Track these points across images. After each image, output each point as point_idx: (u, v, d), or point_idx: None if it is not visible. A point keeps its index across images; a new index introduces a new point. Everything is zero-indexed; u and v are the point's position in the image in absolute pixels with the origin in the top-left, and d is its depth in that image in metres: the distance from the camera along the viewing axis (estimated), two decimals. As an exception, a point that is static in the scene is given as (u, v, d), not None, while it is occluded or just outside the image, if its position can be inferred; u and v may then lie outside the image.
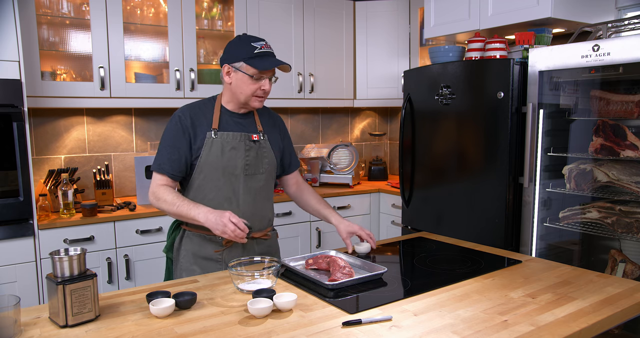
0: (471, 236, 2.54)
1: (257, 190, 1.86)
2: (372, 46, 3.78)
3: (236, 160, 1.79)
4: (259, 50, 1.72)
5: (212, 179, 1.79)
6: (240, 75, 1.74)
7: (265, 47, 1.74)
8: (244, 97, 1.78)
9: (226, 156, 1.78)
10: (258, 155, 1.84)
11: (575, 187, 2.35)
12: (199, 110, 1.81)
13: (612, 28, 2.48)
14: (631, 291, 1.53)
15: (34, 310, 1.42)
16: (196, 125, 1.78)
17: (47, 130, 3.03)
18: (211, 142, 1.77)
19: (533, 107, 2.36)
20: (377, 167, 4.05)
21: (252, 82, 1.74)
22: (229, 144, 1.78)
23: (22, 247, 2.45)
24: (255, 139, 1.83)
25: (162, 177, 1.77)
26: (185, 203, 1.69)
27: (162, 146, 1.78)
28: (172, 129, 1.78)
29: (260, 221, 1.89)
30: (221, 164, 1.78)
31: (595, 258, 2.56)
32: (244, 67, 1.73)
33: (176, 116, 1.79)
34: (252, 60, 1.72)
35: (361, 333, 1.26)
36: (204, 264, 1.83)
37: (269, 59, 1.74)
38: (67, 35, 2.88)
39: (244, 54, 1.73)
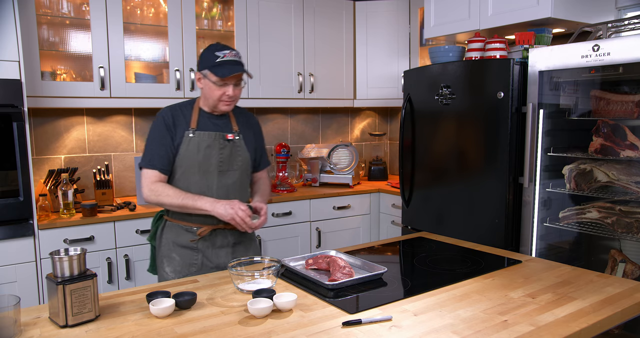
0: (471, 236, 2.54)
1: (230, 186, 1.97)
2: (372, 46, 3.78)
3: (210, 157, 1.92)
4: (221, 59, 1.85)
5: (188, 174, 1.91)
6: (207, 81, 1.89)
7: (228, 55, 1.86)
8: (212, 101, 1.91)
9: (201, 153, 1.90)
10: (232, 153, 1.97)
11: (575, 187, 2.35)
12: (179, 110, 1.95)
13: (612, 28, 2.48)
14: (631, 291, 1.53)
15: (34, 310, 1.43)
16: (177, 124, 1.91)
17: (47, 130, 3.03)
18: (189, 140, 1.90)
19: (533, 107, 2.36)
20: (377, 167, 4.05)
21: (217, 88, 1.87)
22: (204, 142, 1.91)
23: (22, 247, 2.45)
24: (229, 138, 1.96)
25: (153, 172, 1.89)
26: (190, 195, 1.84)
27: (149, 143, 1.92)
28: (157, 127, 1.91)
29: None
30: (197, 161, 1.90)
31: (595, 258, 2.56)
32: (208, 74, 1.87)
33: (160, 116, 1.93)
34: (214, 68, 1.85)
35: (361, 333, 1.26)
36: (181, 252, 1.94)
37: (229, 67, 1.85)
38: (67, 35, 2.88)
39: (208, 63, 1.87)
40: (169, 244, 1.96)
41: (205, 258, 1.94)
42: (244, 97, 3.33)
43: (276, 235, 3.23)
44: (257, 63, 3.36)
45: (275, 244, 3.23)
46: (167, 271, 1.94)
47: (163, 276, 1.96)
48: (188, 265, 1.93)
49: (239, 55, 1.90)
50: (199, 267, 1.93)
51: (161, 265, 1.98)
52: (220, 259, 1.96)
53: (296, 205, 3.29)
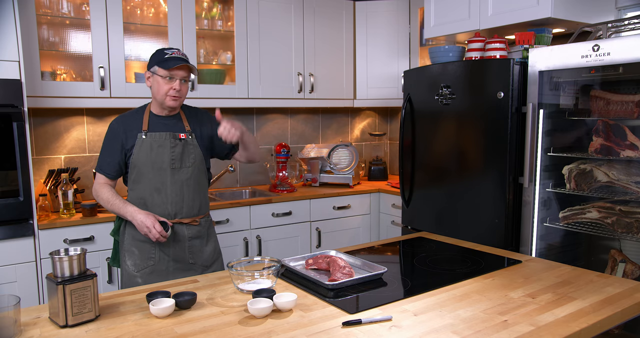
0: (471, 236, 2.54)
1: (184, 182, 2.06)
2: (372, 46, 3.78)
3: (163, 155, 2.02)
4: (169, 56, 1.97)
5: (144, 173, 2.02)
6: (156, 77, 1.99)
7: (176, 53, 1.99)
8: (160, 97, 2.00)
9: (154, 152, 2.01)
10: (184, 151, 2.06)
11: (575, 187, 2.35)
12: (130, 117, 2.07)
13: (612, 28, 2.48)
14: (631, 291, 1.53)
15: (34, 310, 1.43)
16: (127, 130, 2.03)
17: (47, 130, 3.03)
18: (142, 142, 2.01)
19: (533, 107, 2.36)
20: (377, 167, 4.05)
21: (165, 83, 1.97)
22: (156, 142, 2.02)
23: (22, 247, 2.45)
24: (181, 137, 2.06)
25: (101, 176, 2.05)
26: (117, 202, 1.99)
27: (101, 151, 2.07)
28: (107, 136, 2.05)
29: (189, 209, 2.08)
30: (150, 160, 2.01)
31: (595, 258, 2.56)
32: (157, 70, 1.98)
33: (111, 126, 2.06)
34: (162, 63, 1.97)
35: (361, 333, 1.26)
36: (140, 246, 2.04)
37: (175, 61, 1.96)
38: (67, 35, 2.88)
39: (157, 60, 1.99)
40: (129, 239, 2.06)
41: (162, 252, 2.04)
42: (244, 97, 3.33)
43: (276, 235, 3.23)
44: (257, 63, 3.36)
45: (275, 244, 3.23)
46: (129, 264, 2.05)
47: (125, 269, 2.07)
48: (147, 258, 2.04)
49: (186, 56, 2.01)
50: (156, 260, 2.04)
51: (123, 258, 2.08)
52: (177, 252, 2.06)
53: (296, 205, 3.29)
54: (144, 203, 2.02)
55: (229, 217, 3.02)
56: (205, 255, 2.12)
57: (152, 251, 2.04)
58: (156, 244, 2.03)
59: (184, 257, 2.06)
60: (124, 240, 2.08)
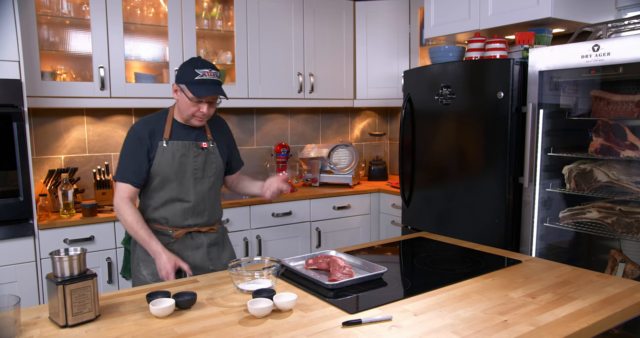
0: (471, 236, 2.54)
1: (206, 192, 2.02)
2: (372, 46, 3.78)
3: (186, 165, 1.96)
4: (200, 77, 1.85)
5: (165, 182, 1.95)
6: (183, 95, 1.89)
7: (208, 74, 1.86)
8: (186, 116, 1.94)
9: (176, 161, 1.94)
10: (206, 160, 2.01)
11: (575, 187, 2.35)
12: (153, 123, 1.96)
13: (612, 28, 2.48)
14: (631, 291, 1.53)
15: (34, 310, 1.43)
16: (151, 136, 1.93)
17: (47, 130, 3.03)
18: (163, 150, 1.93)
19: (533, 107, 2.36)
20: (377, 167, 4.05)
21: (192, 105, 1.89)
22: (179, 151, 1.95)
23: (22, 247, 2.45)
24: (204, 146, 2.00)
25: (125, 186, 1.92)
26: (142, 233, 1.88)
27: (122, 158, 1.94)
28: (130, 141, 1.93)
29: (208, 218, 2.05)
30: (173, 169, 1.94)
31: (595, 258, 2.56)
32: (185, 89, 1.87)
33: (133, 129, 1.95)
34: (192, 86, 1.85)
35: (361, 333, 1.26)
36: None
37: (206, 87, 1.85)
38: (67, 35, 2.88)
39: (186, 78, 1.86)
40: (143, 249, 1.96)
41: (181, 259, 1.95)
42: (244, 97, 3.33)
43: (276, 235, 3.23)
44: (257, 63, 3.36)
45: (275, 244, 3.23)
46: (145, 274, 1.97)
47: (140, 279, 1.98)
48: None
49: (217, 75, 1.91)
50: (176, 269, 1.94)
51: (137, 268, 2.00)
52: (196, 260, 2.01)
53: (296, 205, 3.29)
54: (164, 214, 1.96)
55: (229, 217, 3.02)
56: (224, 260, 2.08)
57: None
58: (175, 252, 1.95)
59: (204, 264, 2.02)
60: (137, 249, 2.00)
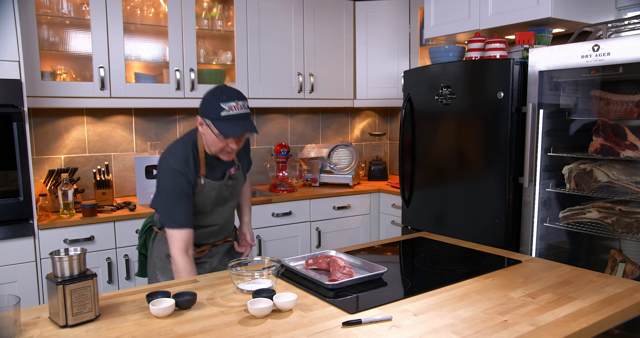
0: (471, 236, 2.54)
1: (229, 213, 2.06)
2: (372, 46, 3.78)
3: (217, 199, 1.95)
4: (226, 113, 1.71)
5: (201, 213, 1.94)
6: (208, 130, 1.77)
7: (235, 108, 1.71)
8: (214, 150, 1.85)
9: (211, 199, 1.93)
10: (234, 187, 2.01)
11: (575, 187, 2.35)
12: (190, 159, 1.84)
13: (612, 28, 2.48)
14: (631, 291, 1.53)
15: (34, 310, 1.42)
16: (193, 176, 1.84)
17: (47, 130, 3.03)
18: (200, 188, 1.88)
19: (533, 107, 2.36)
20: (377, 167, 4.05)
21: (220, 141, 1.78)
22: (214, 190, 1.92)
23: (22, 247, 2.45)
24: (232, 173, 1.97)
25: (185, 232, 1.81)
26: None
27: (174, 202, 1.80)
28: (180, 185, 1.80)
29: (227, 233, 2.11)
30: (207, 206, 1.93)
31: (595, 258, 2.56)
32: (211, 125, 1.75)
33: (177, 171, 1.80)
34: (218, 123, 1.72)
35: (361, 333, 1.26)
36: None
37: (234, 123, 1.72)
38: (67, 35, 2.88)
39: (212, 114, 1.73)
40: (161, 256, 1.97)
41: (201, 267, 1.98)
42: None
43: (276, 235, 3.23)
44: (257, 63, 3.36)
45: (275, 244, 3.23)
46: (161, 281, 1.95)
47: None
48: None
49: (246, 105, 1.76)
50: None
51: (154, 275, 2.01)
52: (215, 267, 2.04)
53: (296, 205, 3.29)
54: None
55: (229, 217, 3.02)
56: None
57: None
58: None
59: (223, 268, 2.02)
60: (154, 256, 2.01)
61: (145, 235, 2.09)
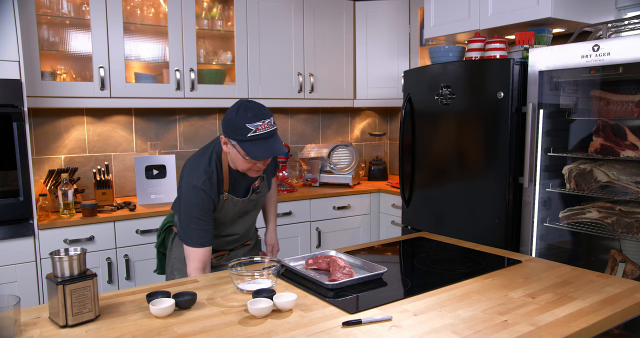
0: (471, 236, 2.54)
1: (251, 222, 2.08)
2: (372, 46, 3.78)
3: (241, 211, 1.96)
4: (253, 134, 1.63)
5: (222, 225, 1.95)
6: (234, 151, 1.72)
7: (262, 128, 1.64)
8: (241, 169, 1.80)
9: (234, 213, 1.93)
10: (258, 199, 2.00)
11: (575, 187, 2.35)
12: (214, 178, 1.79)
13: (612, 28, 2.48)
14: (631, 291, 1.53)
15: (34, 310, 1.42)
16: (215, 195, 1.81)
17: (47, 130, 3.03)
18: (223, 203, 1.87)
19: (533, 107, 2.36)
20: (377, 167, 4.05)
21: (246, 162, 1.73)
22: (236, 206, 1.91)
23: (22, 247, 2.45)
24: (256, 186, 1.95)
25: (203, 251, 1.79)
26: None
27: (194, 220, 1.77)
28: (201, 202, 1.76)
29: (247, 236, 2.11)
30: (229, 219, 1.94)
31: (595, 258, 2.56)
32: (237, 147, 1.69)
33: (200, 189, 1.76)
34: (245, 144, 1.66)
35: (361, 333, 1.26)
36: None
37: (263, 146, 1.66)
38: (67, 35, 2.88)
39: (238, 136, 1.66)
40: (180, 258, 1.96)
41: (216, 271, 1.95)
42: (244, 97, 3.33)
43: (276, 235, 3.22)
44: (257, 63, 3.36)
45: (275, 244, 3.23)
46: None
47: None
48: None
49: (272, 122, 1.67)
50: None
51: (171, 276, 2.01)
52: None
53: (296, 205, 3.29)
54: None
55: (229, 217, 3.02)
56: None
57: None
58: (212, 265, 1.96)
59: None
60: (172, 257, 2.01)
61: (164, 234, 2.09)
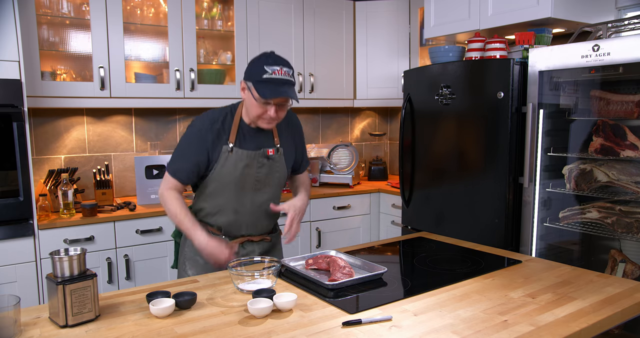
0: (471, 236, 2.54)
1: (263, 203, 1.91)
2: (372, 46, 3.78)
3: (247, 176, 1.83)
4: (269, 76, 1.67)
5: (223, 190, 1.84)
6: (249, 95, 1.74)
7: (278, 73, 1.68)
8: (252, 117, 1.79)
9: (238, 172, 1.81)
10: (270, 170, 1.88)
11: (575, 187, 2.35)
12: (219, 122, 1.80)
13: (612, 28, 2.48)
14: (631, 291, 1.53)
15: (34, 310, 1.42)
16: (215, 138, 1.79)
17: (47, 130, 3.03)
18: (226, 157, 1.80)
19: (533, 107, 2.36)
20: (377, 167, 4.05)
21: (259, 106, 1.72)
22: (242, 161, 1.81)
23: (22, 247, 2.45)
24: (270, 154, 1.85)
25: (173, 181, 1.81)
26: (186, 221, 1.77)
27: (178, 152, 1.81)
28: (192, 138, 1.79)
29: (262, 228, 1.96)
30: (233, 179, 1.82)
31: (595, 258, 2.56)
32: (252, 88, 1.71)
33: (197, 127, 1.79)
34: (258, 85, 1.69)
35: (361, 333, 1.26)
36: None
37: (274, 87, 1.68)
38: (67, 35, 2.88)
39: (254, 76, 1.70)
40: (192, 247, 1.88)
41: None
42: (244, 97, 3.33)
43: (276, 235, 3.23)
44: (257, 63, 3.36)
45: (275, 244, 3.23)
46: (190, 274, 1.90)
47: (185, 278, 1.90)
48: (212, 269, 1.86)
49: (290, 73, 1.71)
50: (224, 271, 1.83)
51: (183, 266, 1.94)
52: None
53: (296, 205, 3.29)
54: (218, 222, 1.88)
55: (229, 217, 3.02)
56: None
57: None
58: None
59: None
60: (185, 246, 1.93)
61: None
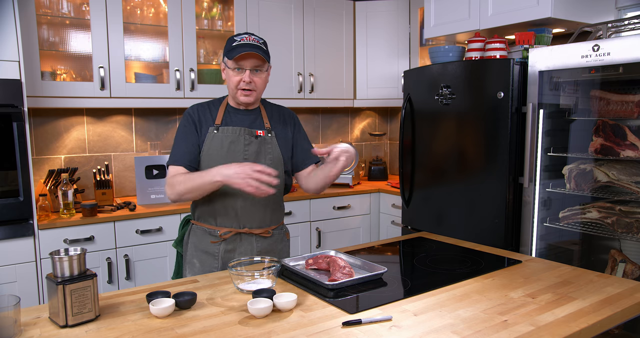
0: (471, 236, 2.54)
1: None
2: (372, 46, 3.78)
3: (235, 154, 1.81)
4: (237, 43, 1.77)
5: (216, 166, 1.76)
6: (227, 71, 1.83)
7: (246, 39, 1.78)
8: (232, 91, 1.84)
9: (225, 149, 1.81)
10: (260, 150, 1.84)
11: (575, 187, 2.35)
12: (207, 107, 1.89)
13: (612, 28, 2.48)
14: (631, 291, 1.53)
15: (34, 310, 1.42)
16: (202, 121, 1.85)
17: (47, 130, 3.03)
18: (212, 136, 1.82)
19: (533, 107, 2.36)
20: (377, 167, 4.05)
21: (235, 74, 1.80)
22: (228, 138, 1.82)
23: (22, 247, 2.45)
24: (259, 134, 1.85)
25: (176, 169, 1.79)
26: (196, 174, 1.71)
27: (176, 141, 1.85)
28: (184, 124, 1.85)
29: (261, 218, 1.89)
30: (221, 158, 1.79)
31: (595, 258, 2.56)
32: (226, 61, 1.81)
33: (186, 113, 1.87)
34: (229, 53, 1.78)
35: (361, 333, 1.26)
36: (202, 257, 1.88)
37: (242, 49, 1.75)
38: (67, 35, 2.88)
39: (225, 49, 1.82)
40: (192, 249, 1.89)
41: (225, 265, 1.83)
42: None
43: (276, 235, 3.23)
44: (257, 63, 3.36)
45: (275, 244, 3.23)
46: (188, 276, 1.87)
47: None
48: (208, 271, 1.84)
49: (259, 41, 1.79)
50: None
51: (184, 273, 1.93)
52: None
53: (296, 205, 3.29)
54: (212, 213, 1.84)
55: (229, 217, 3.02)
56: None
57: (214, 264, 1.85)
58: (219, 257, 1.84)
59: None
60: (187, 250, 1.91)
61: (184, 230, 1.98)
